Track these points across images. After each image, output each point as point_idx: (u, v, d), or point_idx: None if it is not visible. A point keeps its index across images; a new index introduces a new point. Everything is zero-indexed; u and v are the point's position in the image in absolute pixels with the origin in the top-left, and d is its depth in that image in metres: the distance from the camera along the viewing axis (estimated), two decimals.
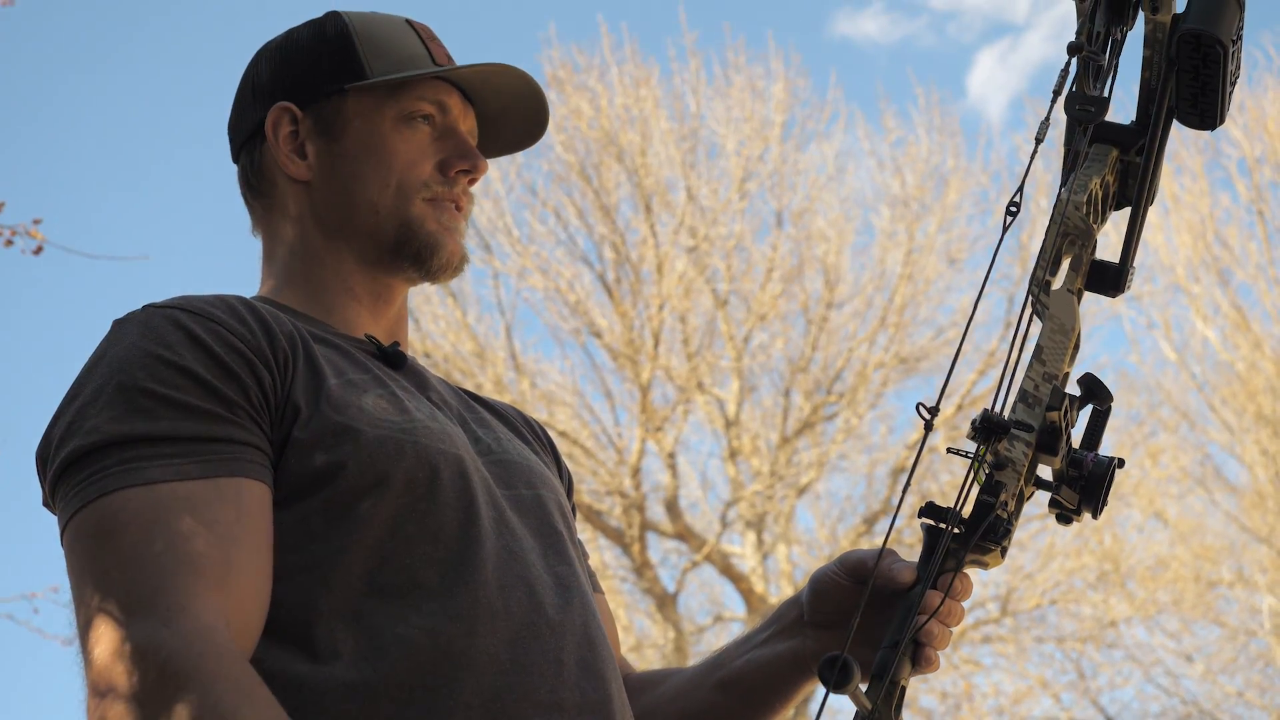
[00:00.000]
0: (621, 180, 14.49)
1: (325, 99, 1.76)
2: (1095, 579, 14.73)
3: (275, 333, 1.57)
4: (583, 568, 1.70)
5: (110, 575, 1.40)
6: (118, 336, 1.55)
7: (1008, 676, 14.94)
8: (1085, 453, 1.58)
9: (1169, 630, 15.47)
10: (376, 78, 1.75)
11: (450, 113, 1.78)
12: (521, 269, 14.39)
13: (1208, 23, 1.62)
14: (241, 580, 1.43)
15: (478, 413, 1.78)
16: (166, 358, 1.50)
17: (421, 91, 1.76)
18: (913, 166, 15.12)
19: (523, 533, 1.61)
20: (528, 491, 1.67)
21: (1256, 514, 14.88)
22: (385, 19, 1.82)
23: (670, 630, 13.98)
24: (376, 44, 1.77)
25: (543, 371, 14.51)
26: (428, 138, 1.76)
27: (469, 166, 1.76)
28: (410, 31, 1.81)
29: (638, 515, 13.94)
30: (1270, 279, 15.12)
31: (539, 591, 1.57)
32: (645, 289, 14.30)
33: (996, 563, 1.56)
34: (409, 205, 1.73)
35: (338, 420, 1.54)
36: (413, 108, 1.75)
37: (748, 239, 14.59)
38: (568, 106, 14.61)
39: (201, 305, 1.57)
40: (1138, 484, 14.88)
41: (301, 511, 1.51)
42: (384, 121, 1.75)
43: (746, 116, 14.82)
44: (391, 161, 1.73)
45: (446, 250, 1.75)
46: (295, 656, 1.45)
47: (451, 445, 1.60)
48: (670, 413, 14.33)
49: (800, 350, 14.47)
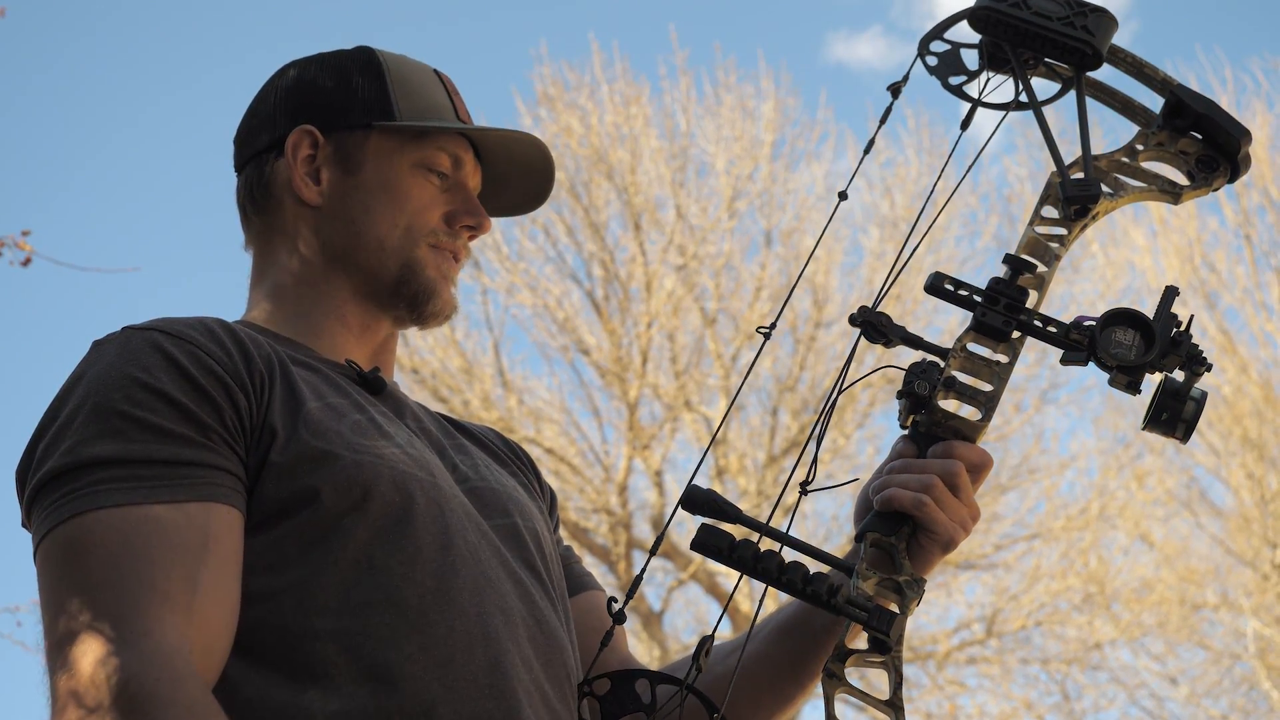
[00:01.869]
0: (611, 198, 14.50)
1: (350, 130, 1.78)
2: (1080, 601, 14.73)
3: (252, 355, 1.57)
4: (559, 596, 1.71)
5: (76, 598, 1.41)
6: (96, 358, 1.56)
7: (992, 698, 14.93)
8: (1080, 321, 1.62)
9: (1154, 653, 15.48)
10: (404, 120, 1.78)
11: (463, 168, 1.82)
12: (510, 286, 14.39)
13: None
14: (206, 604, 1.43)
15: (456, 439, 1.78)
16: (142, 380, 1.50)
17: (441, 143, 1.80)
18: (902, 187, 15.16)
19: (499, 561, 1.62)
20: (504, 520, 1.68)
21: (1242, 537, 14.90)
22: (415, 65, 1.85)
23: (655, 649, 13.95)
24: (407, 87, 1.81)
25: (530, 388, 14.51)
26: (438, 188, 1.80)
27: (474, 223, 1.81)
28: (437, 82, 1.85)
29: (624, 533, 13.93)
30: (1257, 303, 15.17)
31: (515, 620, 1.57)
32: (634, 307, 14.31)
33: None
34: (414, 248, 1.76)
35: (315, 445, 1.54)
36: (432, 158, 1.79)
37: (736, 258, 14.61)
38: (558, 124, 14.63)
39: (180, 328, 1.57)
40: (1123, 506, 14.90)
41: (278, 534, 1.51)
42: (402, 164, 1.78)
43: (736, 135, 14.84)
44: (404, 204, 1.77)
45: (441, 298, 1.78)
46: (271, 680, 1.46)
47: (428, 472, 1.60)
48: (658, 430, 14.33)
49: (788, 369, 14.48)
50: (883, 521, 1.59)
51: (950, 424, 1.61)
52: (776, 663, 1.74)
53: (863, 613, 1.46)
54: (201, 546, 1.44)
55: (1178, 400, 1.58)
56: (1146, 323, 1.58)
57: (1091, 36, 1.73)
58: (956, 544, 1.60)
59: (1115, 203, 1.71)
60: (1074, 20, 1.74)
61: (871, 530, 1.58)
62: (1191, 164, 1.77)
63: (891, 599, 1.53)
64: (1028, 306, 1.63)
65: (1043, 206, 1.71)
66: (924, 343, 1.60)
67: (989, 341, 1.62)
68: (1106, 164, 1.75)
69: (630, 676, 1.47)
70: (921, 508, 1.57)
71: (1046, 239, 1.69)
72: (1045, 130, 1.72)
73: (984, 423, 1.61)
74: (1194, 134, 1.76)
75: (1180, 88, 1.76)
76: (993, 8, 1.74)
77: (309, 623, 1.48)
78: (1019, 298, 1.62)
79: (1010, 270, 1.64)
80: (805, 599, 1.46)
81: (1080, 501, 14.78)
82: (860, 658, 1.47)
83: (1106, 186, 1.72)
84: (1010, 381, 1.69)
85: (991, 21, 1.75)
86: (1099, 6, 1.75)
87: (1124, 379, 1.58)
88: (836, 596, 1.45)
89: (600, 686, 1.47)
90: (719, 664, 1.71)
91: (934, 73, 1.79)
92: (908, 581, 1.53)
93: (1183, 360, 1.58)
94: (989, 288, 1.62)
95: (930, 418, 1.61)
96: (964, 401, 1.62)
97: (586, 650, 1.72)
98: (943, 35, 1.80)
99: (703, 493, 1.47)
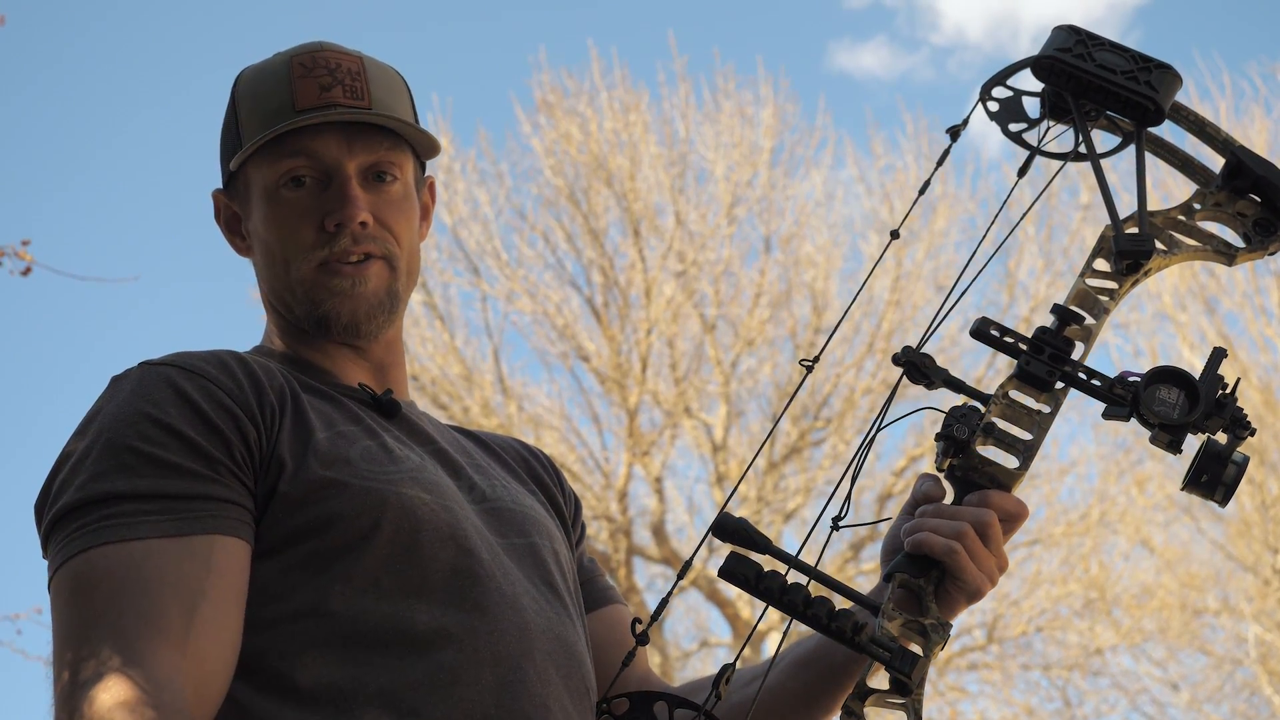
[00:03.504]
0: (610, 205, 14.51)
1: (233, 178, 1.75)
2: (1081, 606, 14.73)
3: (264, 387, 1.59)
4: (579, 613, 1.70)
5: (79, 630, 1.44)
6: (112, 394, 1.58)
7: (993, 704, 14.93)
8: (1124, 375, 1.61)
9: (1155, 658, 15.48)
10: (244, 146, 1.70)
11: (322, 158, 1.68)
12: (510, 292, 14.39)
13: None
14: (203, 638, 1.45)
15: (474, 457, 1.77)
16: (154, 416, 1.53)
17: (290, 147, 1.67)
18: (901, 193, 15.16)
19: (514, 579, 1.61)
20: (520, 540, 1.67)
21: (1242, 542, 14.89)
22: (268, 69, 1.74)
23: (655, 655, 13.94)
24: (250, 105, 1.72)
25: (530, 395, 14.51)
26: (313, 192, 1.68)
27: (337, 221, 1.67)
28: (283, 77, 1.71)
29: (624, 539, 13.92)
30: (1256, 307, 15.17)
31: (531, 637, 1.57)
32: (633, 313, 14.31)
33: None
34: (299, 278, 1.69)
35: (323, 474, 1.55)
36: (282, 170, 1.68)
37: (736, 264, 14.61)
38: (557, 131, 14.64)
39: (194, 362, 1.59)
40: (1124, 512, 14.89)
41: (286, 562, 1.53)
42: (265, 191, 1.70)
43: (735, 142, 14.85)
44: (279, 234, 1.69)
45: (344, 317, 1.69)
46: (279, 705, 1.47)
47: (439, 495, 1.60)
48: (657, 437, 14.32)
49: (788, 375, 14.48)
50: (912, 563, 1.57)
51: (987, 470, 1.60)
52: (793, 695, 1.72)
53: (886, 653, 1.44)
54: (203, 579, 1.46)
55: (1219, 463, 1.56)
56: (1192, 382, 1.56)
57: (1155, 92, 1.72)
58: (983, 595, 1.57)
59: (1168, 260, 1.70)
60: (1138, 75, 1.72)
61: (900, 571, 1.57)
62: (1249, 226, 1.75)
63: (916, 641, 1.51)
64: (1073, 358, 1.61)
65: (1095, 259, 1.69)
66: (966, 387, 1.60)
67: (1032, 390, 1.61)
68: (1162, 220, 1.73)
69: (650, 699, 1.46)
70: (952, 555, 1.55)
71: (1097, 292, 1.67)
72: (1102, 183, 1.71)
73: (1021, 471, 1.59)
74: (1253, 196, 1.75)
75: (1242, 149, 1.75)
76: (1057, 58, 1.73)
77: (317, 649, 1.49)
78: (1064, 348, 1.61)
79: (1057, 320, 1.63)
80: (829, 634, 1.43)
81: (1081, 507, 14.78)
82: (880, 698, 1.45)
83: (1161, 243, 1.71)
84: None
85: (1055, 71, 1.73)
86: (1163, 63, 1.73)
87: (1166, 438, 1.57)
88: (860, 634, 1.43)
89: (619, 706, 1.46)
90: (737, 692, 1.71)
91: (994, 118, 1.77)
92: (933, 625, 1.51)
93: (1226, 423, 1.57)
94: (1035, 336, 1.61)
95: (967, 462, 1.59)
96: (1002, 449, 1.60)
97: (607, 666, 1.71)
98: (1005, 81, 1.79)
99: (734, 521, 1.46)
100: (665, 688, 1.79)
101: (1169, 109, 1.75)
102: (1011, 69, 1.79)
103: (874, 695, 1.44)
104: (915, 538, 1.56)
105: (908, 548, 1.57)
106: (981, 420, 1.58)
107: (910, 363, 1.58)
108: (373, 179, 1.71)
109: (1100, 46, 1.74)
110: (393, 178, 1.72)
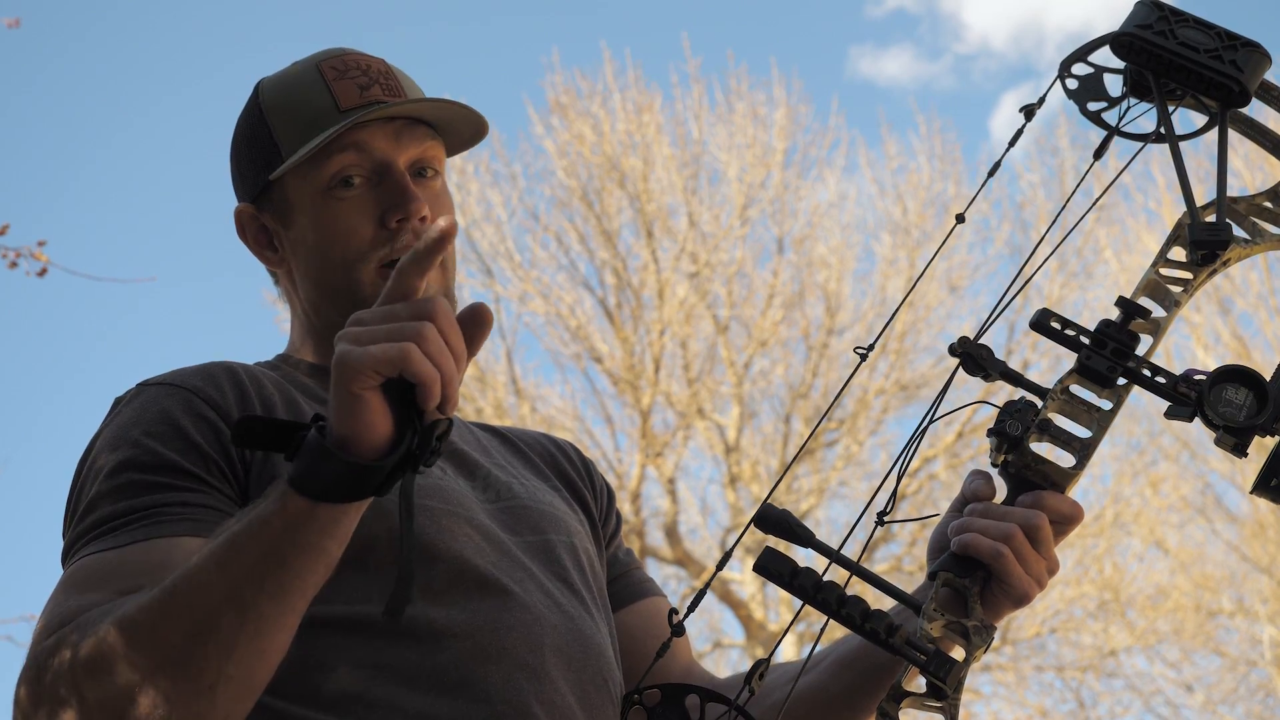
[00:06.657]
0: (623, 206, 14.51)
1: (268, 190, 1.72)
2: (1095, 608, 14.70)
3: (250, 397, 1.60)
4: (599, 606, 1.70)
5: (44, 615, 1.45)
6: (111, 418, 1.63)
7: (1007, 705, 14.91)
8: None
9: (1169, 660, 15.44)
10: (287, 157, 1.68)
11: (373, 152, 1.68)
12: (523, 294, 14.41)
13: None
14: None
15: (494, 455, 1.77)
16: (136, 439, 1.56)
17: (338, 145, 1.66)
18: (914, 194, 15.16)
19: (525, 576, 1.61)
20: (534, 537, 1.67)
21: (1257, 544, 14.85)
22: (296, 76, 1.73)
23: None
24: (286, 114, 1.70)
25: (543, 396, 14.52)
26: (364, 191, 1.68)
27: (403, 214, 1.66)
28: (317, 80, 1.70)
29: (637, 541, 13.92)
30: (1271, 308, 15.12)
31: (540, 632, 1.58)
32: (646, 314, 14.32)
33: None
34: (359, 280, 1.67)
35: None
36: (331, 172, 1.67)
37: (749, 265, 14.61)
38: (570, 132, 14.65)
39: (183, 377, 1.62)
40: (1138, 513, 14.86)
41: None
42: (315, 196, 1.68)
43: (749, 143, 14.85)
44: (333, 237, 1.67)
45: None
46: (288, 706, 1.48)
47: (444, 501, 1.60)
48: (670, 438, 14.32)
49: (801, 376, 14.47)
50: (958, 563, 1.52)
51: (1040, 468, 1.53)
52: (832, 695, 1.69)
53: (921, 656, 1.39)
54: (155, 569, 1.42)
55: None
56: (1261, 382, 1.50)
57: (1240, 72, 1.62)
58: (1030, 599, 1.53)
59: (1249, 250, 1.62)
60: (1222, 54, 1.63)
61: (945, 570, 1.52)
62: None
63: (957, 643, 1.47)
64: (1138, 354, 1.54)
65: (1169, 248, 1.61)
66: (1024, 380, 1.53)
67: (1093, 385, 1.53)
68: (1245, 207, 1.66)
69: (682, 691, 1.43)
70: (999, 559, 1.51)
71: (1168, 282, 1.60)
72: (1180, 167, 1.63)
73: (1077, 470, 1.53)
74: None
75: None
76: (1137, 35, 1.63)
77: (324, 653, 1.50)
78: (1128, 343, 1.53)
79: (1122, 314, 1.55)
80: (863, 634, 1.39)
81: (1095, 508, 14.74)
82: (916, 700, 1.40)
83: (1242, 231, 1.62)
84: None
85: (1135, 49, 1.64)
86: (1251, 41, 1.64)
87: (1231, 440, 1.49)
88: (894, 636, 1.38)
89: (651, 697, 1.44)
90: (775, 691, 1.68)
91: (1072, 96, 1.69)
92: (976, 627, 1.46)
93: None
94: (1098, 330, 1.54)
95: (1020, 459, 1.53)
96: (1058, 445, 1.53)
97: (646, 658, 1.68)
98: (1086, 58, 1.70)
99: (776, 513, 1.41)
100: (707, 680, 1.78)
101: (1255, 89, 1.65)
102: (1092, 45, 1.70)
103: (910, 698, 1.40)
104: (962, 538, 1.53)
105: (954, 548, 1.53)
106: (1036, 416, 1.51)
107: (966, 354, 1.53)
108: (416, 175, 1.70)
109: (1184, 23, 1.64)
110: (434, 172, 1.71)
